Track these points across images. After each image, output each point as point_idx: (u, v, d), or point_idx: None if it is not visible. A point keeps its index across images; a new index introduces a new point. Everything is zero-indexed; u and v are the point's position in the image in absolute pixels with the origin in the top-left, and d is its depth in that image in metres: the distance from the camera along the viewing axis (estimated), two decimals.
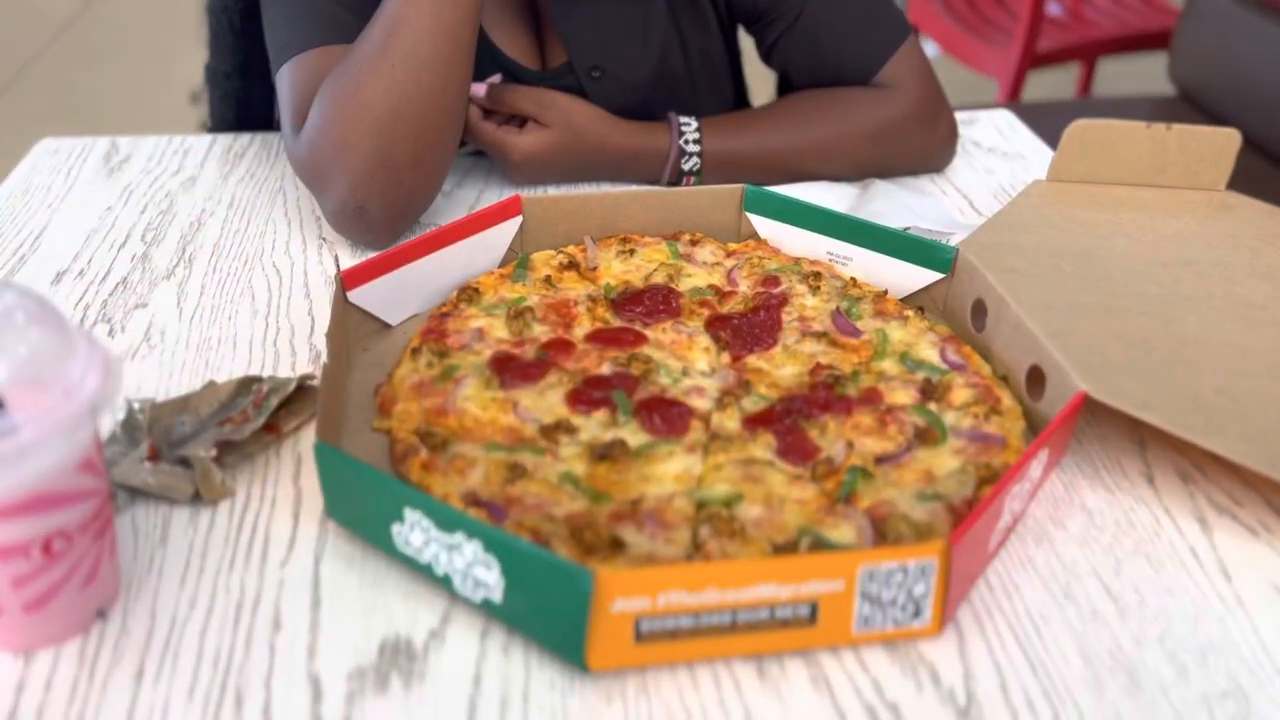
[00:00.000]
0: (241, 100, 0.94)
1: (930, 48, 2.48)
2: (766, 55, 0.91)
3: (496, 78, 0.85)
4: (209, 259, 0.77)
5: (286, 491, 0.56)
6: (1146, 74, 2.82)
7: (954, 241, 0.76)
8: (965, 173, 0.91)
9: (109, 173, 0.88)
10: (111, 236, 0.79)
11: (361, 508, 0.51)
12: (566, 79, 0.88)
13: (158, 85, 3.23)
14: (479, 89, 0.84)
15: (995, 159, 0.94)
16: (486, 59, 0.87)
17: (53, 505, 0.44)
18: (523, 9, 0.88)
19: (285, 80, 0.78)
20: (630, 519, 0.52)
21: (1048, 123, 1.77)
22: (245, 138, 0.95)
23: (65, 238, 0.79)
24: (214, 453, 0.56)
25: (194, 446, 0.56)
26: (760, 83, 1.09)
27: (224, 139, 0.94)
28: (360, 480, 0.50)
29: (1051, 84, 2.73)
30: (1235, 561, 0.53)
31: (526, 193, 0.74)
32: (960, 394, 0.61)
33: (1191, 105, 1.75)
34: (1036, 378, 0.61)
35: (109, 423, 0.58)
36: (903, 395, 0.61)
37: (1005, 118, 1.02)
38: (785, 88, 1.00)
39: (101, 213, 0.82)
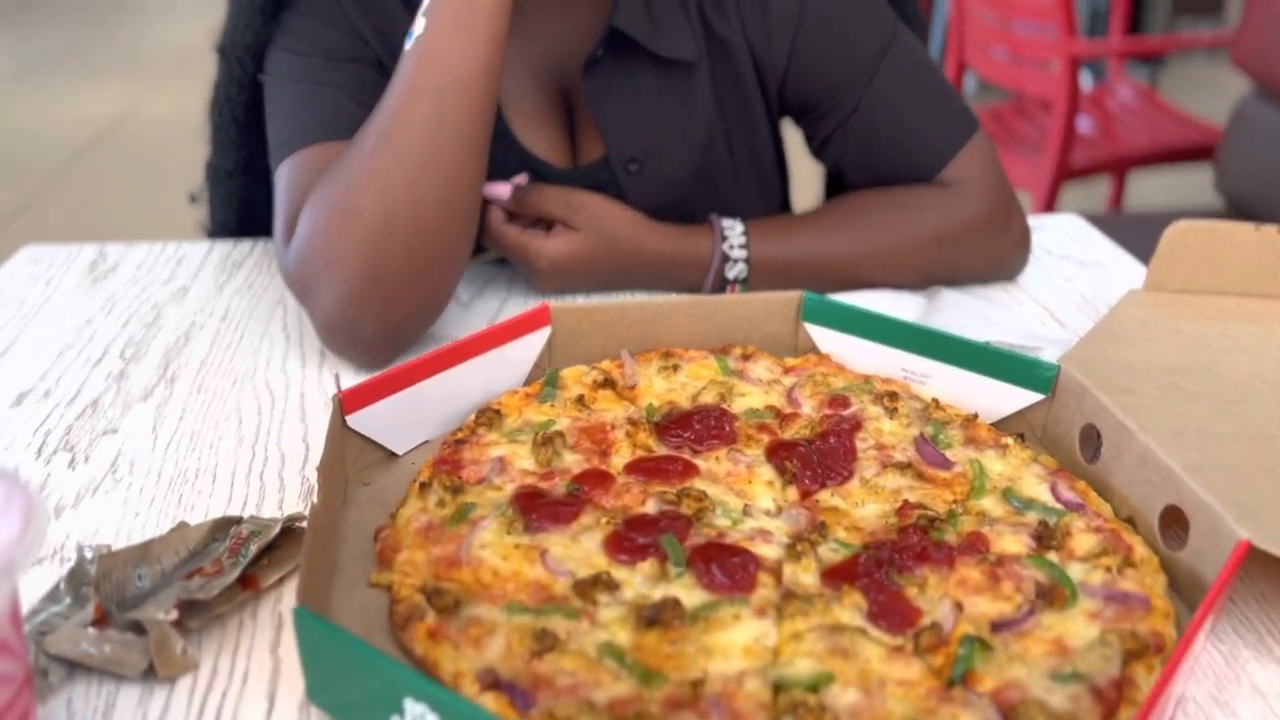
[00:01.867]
0: (244, 201, 0.87)
1: None
2: (819, 149, 0.83)
3: (522, 178, 0.78)
4: (194, 377, 0.67)
5: (262, 664, 0.45)
6: (1176, 186, 2.78)
7: (1043, 357, 0.67)
8: (1040, 281, 0.82)
9: (93, 282, 0.80)
10: (87, 352, 0.70)
11: (352, 693, 0.40)
12: (600, 175, 0.81)
13: (176, 210, 3.22)
14: (502, 190, 0.76)
15: (1071, 266, 0.85)
16: (513, 158, 0.79)
17: None
18: (554, 103, 0.81)
19: (280, 180, 0.71)
20: (691, 707, 0.41)
21: None
22: (246, 244, 0.87)
23: (34, 354, 0.70)
24: (174, 615, 0.45)
25: (150, 607, 0.46)
26: (805, 183, 1.02)
27: (222, 246, 0.86)
28: (350, 658, 0.39)
29: (1081, 196, 2.68)
30: None
31: (555, 302, 0.65)
32: (1083, 541, 0.50)
33: (1243, 218, 1.68)
34: (1174, 520, 0.50)
35: (53, 574, 0.48)
36: (1013, 542, 0.50)
37: (1075, 223, 0.94)
38: (836, 187, 0.92)
39: (79, 326, 0.74)
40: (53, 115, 4.03)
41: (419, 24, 0.66)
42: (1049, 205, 2.02)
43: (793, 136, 0.88)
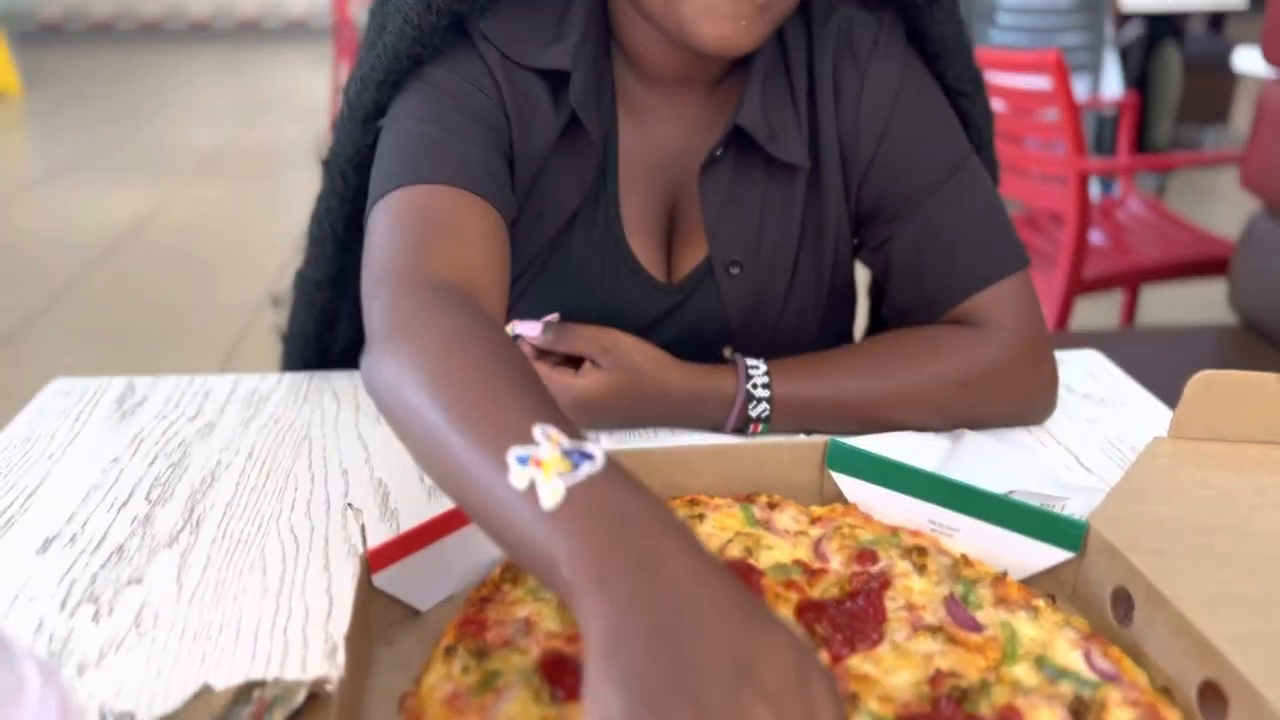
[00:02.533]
0: (326, 312, 0.88)
1: None
2: (871, 253, 0.84)
3: (553, 316, 0.79)
4: (219, 522, 0.67)
5: None
6: (1190, 299, 2.79)
7: (1070, 508, 0.67)
8: (1064, 423, 0.82)
9: (120, 418, 0.81)
10: (113, 494, 0.70)
11: None
12: (699, 283, 0.83)
13: (192, 314, 3.26)
14: (533, 329, 0.77)
15: (1094, 406, 0.85)
16: (625, 270, 0.81)
17: None
18: (661, 215, 0.83)
19: (379, 220, 0.68)
20: None
21: (1110, 354, 1.70)
22: (272, 379, 0.88)
23: (62, 495, 0.70)
24: None
25: None
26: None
27: (249, 380, 0.87)
28: None
29: (1095, 310, 2.69)
30: None
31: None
32: (1119, 715, 0.49)
33: (1256, 334, 1.68)
34: (1213, 695, 0.49)
35: None
36: (1048, 716, 0.49)
37: (1097, 360, 0.94)
38: (875, 321, 0.93)
39: (106, 465, 0.74)
40: (79, 217, 4.11)
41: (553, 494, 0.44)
42: (1062, 319, 2.03)
43: (861, 272, 0.90)
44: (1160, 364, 1.65)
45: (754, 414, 0.78)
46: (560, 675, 0.51)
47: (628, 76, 0.80)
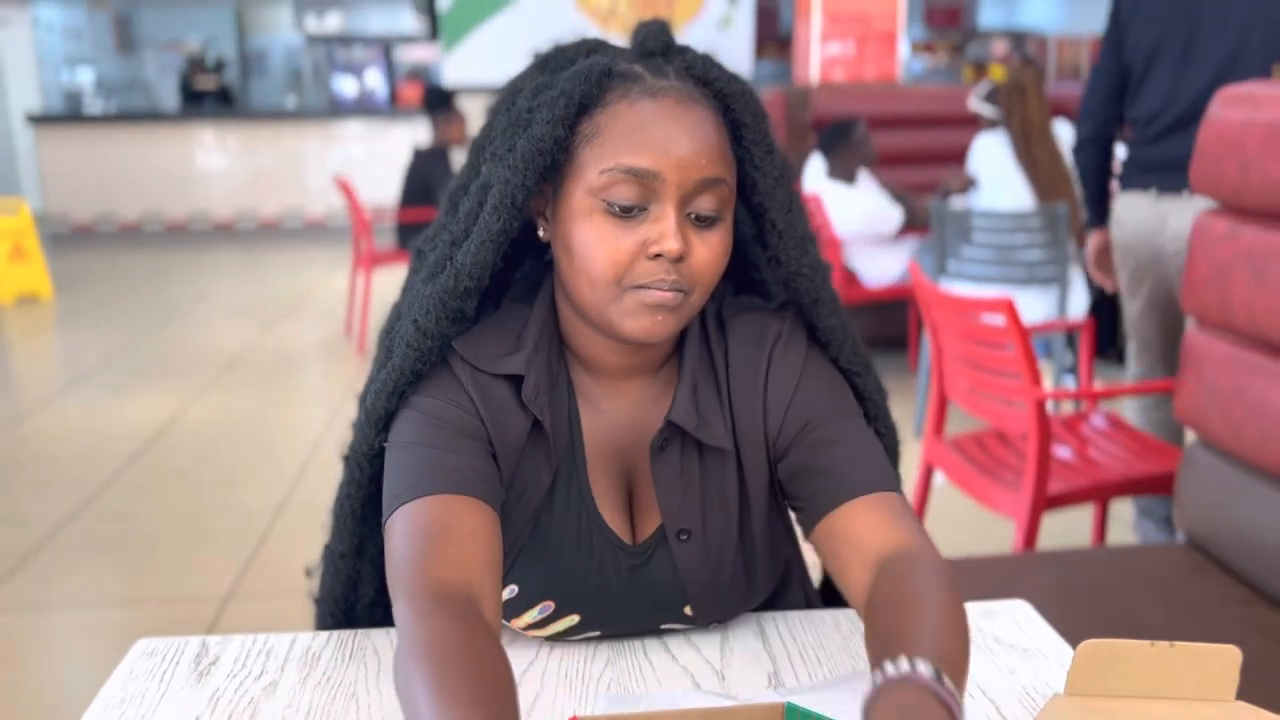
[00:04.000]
0: (350, 577, 1.05)
1: (940, 478, 2.64)
2: (784, 488, 0.99)
3: None
4: None
5: None
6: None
7: None
8: (990, 672, 0.97)
9: (198, 678, 0.96)
10: None
11: None
12: (656, 546, 0.99)
13: (215, 518, 3.42)
14: None
15: (1016, 657, 1.00)
16: (596, 531, 0.98)
17: None
18: (620, 486, 1.00)
19: (395, 531, 0.86)
20: None
21: (1061, 574, 1.85)
22: (322, 637, 1.04)
23: None
24: None
25: None
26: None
27: (303, 639, 1.03)
28: None
29: (1066, 523, 2.85)
30: None
31: (583, 713, 0.81)
32: None
33: (1201, 554, 1.84)
34: None
35: None
36: None
37: (1024, 611, 1.10)
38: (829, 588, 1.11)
39: None
40: (106, 422, 4.32)
41: None
42: (1030, 537, 2.18)
43: None
44: (1118, 585, 1.80)
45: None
46: None
47: (581, 373, 1.00)
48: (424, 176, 5.34)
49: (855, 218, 4.40)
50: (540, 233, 0.96)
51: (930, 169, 4.91)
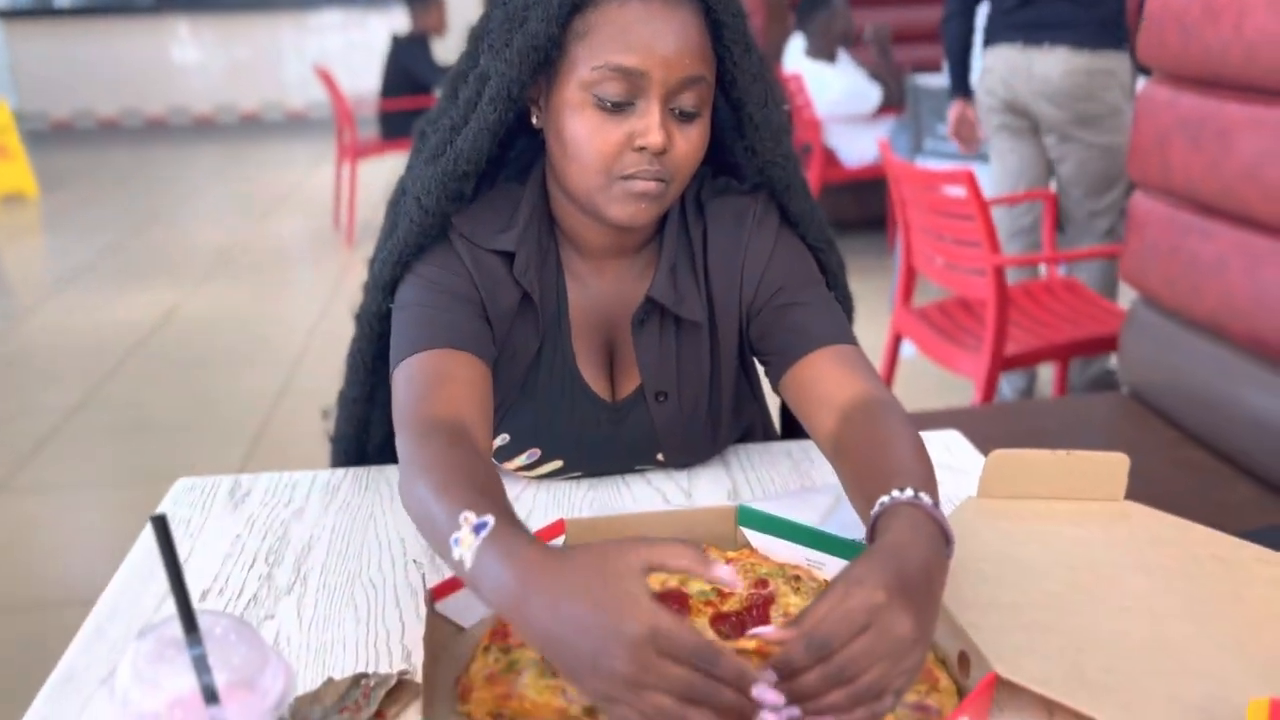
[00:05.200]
0: (361, 420, 1.19)
1: (910, 349, 2.79)
2: (754, 346, 1.12)
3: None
4: (319, 576, 0.97)
5: None
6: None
7: None
8: None
9: (234, 506, 1.11)
10: (242, 559, 1.01)
11: None
12: (634, 405, 1.12)
13: (216, 406, 3.56)
14: (774, 697, 0.69)
15: (943, 472, 1.14)
16: (579, 390, 1.11)
17: None
18: (602, 349, 1.13)
19: (399, 381, 0.98)
20: None
21: (1013, 423, 2.01)
22: (340, 473, 1.18)
23: (206, 562, 1.00)
24: None
25: None
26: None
27: (323, 475, 1.18)
28: None
29: (1028, 379, 3.01)
30: None
31: (569, 516, 0.96)
32: None
33: (1141, 403, 1.99)
34: (964, 660, 0.79)
35: None
36: None
37: (954, 438, 1.24)
38: (788, 420, 1.25)
39: (232, 540, 1.04)
40: (102, 317, 4.43)
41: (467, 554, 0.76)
42: (988, 394, 2.34)
43: None
44: (1062, 431, 1.96)
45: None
46: None
47: (569, 250, 1.11)
48: (404, 65, 5.34)
49: (835, 96, 4.46)
50: (534, 120, 1.05)
51: (910, 47, 4.93)
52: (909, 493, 0.81)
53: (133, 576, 0.99)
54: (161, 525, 0.63)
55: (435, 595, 0.85)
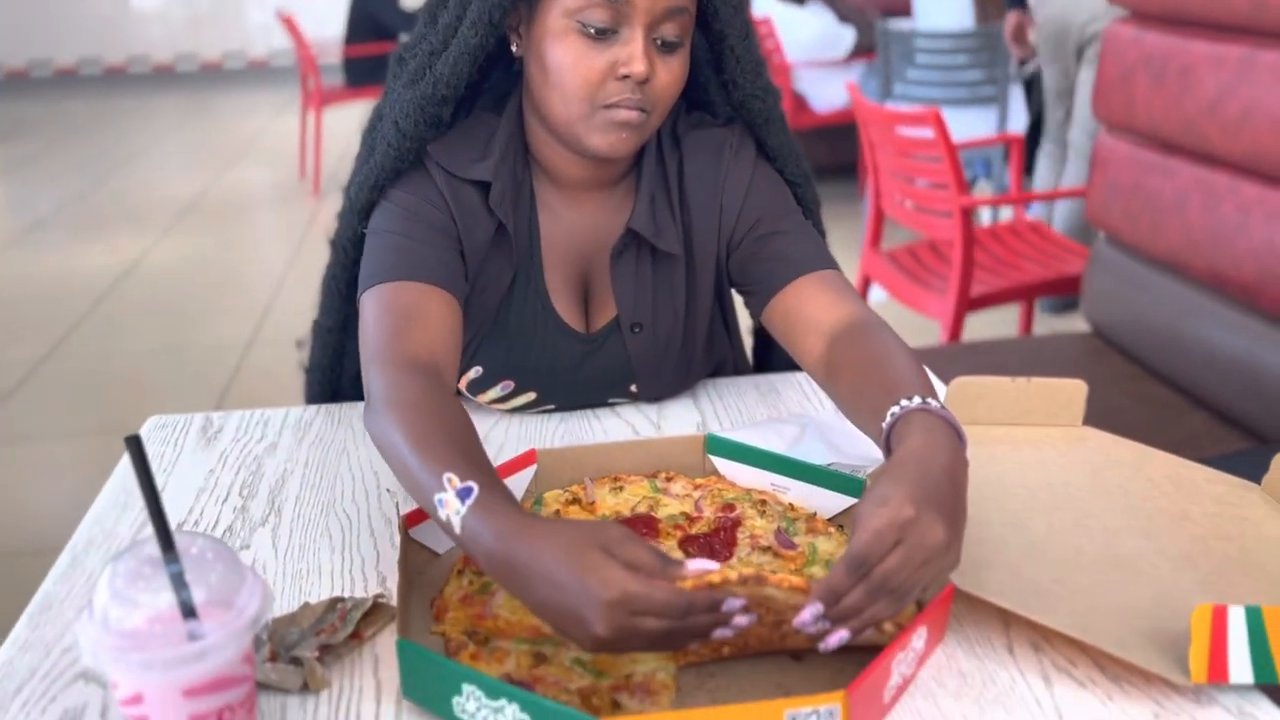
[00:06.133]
0: (335, 350, 1.19)
1: (879, 293, 2.81)
2: (734, 278, 1.13)
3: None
4: (293, 508, 0.99)
5: (370, 682, 0.75)
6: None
7: (866, 474, 0.99)
8: None
9: (207, 442, 1.12)
10: (216, 493, 1.01)
11: (430, 687, 0.71)
12: (609, 336, 1.13)
13: (185, 355, 3.54)
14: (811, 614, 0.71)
15: None
16: (550, 322, 1.11)
17: (226, 686, 0.64)
18: (577, 282, 1.13)
19: (367, 308, 0.98)
20: (625, 689, 0.72)
21: (978, 360, 2.04)
22: (312, 410, 1.19)
23: (180, 495, 1.01)
24: (317, 653, 0.76)
25: (301, 649, 0.76)
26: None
27: (295, 412, 1.18)
28: (430, 666, 0.70)
29: (996, 321, 3.05)
30: (1068, 706, 0.72)
31: (540, 447, 0.97)
32: None
33: (1103, 340, 2.03)
34: None
35: None
36: None
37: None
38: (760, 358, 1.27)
39: (205, 474, 1.05)
40: (67, 268, 4.37)
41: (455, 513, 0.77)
42: (955, 332, 2.37)
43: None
44: (1025, 368, 1.99)
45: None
46: None
47: (543, 182, 1.11)
48: (369, 10, 5.25)
49: (807, 40, 4.43)
50: (514, 48, 1.04)
51: None
52: (917, 400, 0.82)
53: (109, 508, 1.00)
54: (136, 446, 0.63)
55: (409, 522, 0.87)
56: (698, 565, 0.70)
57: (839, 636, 0.70)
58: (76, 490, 2.65)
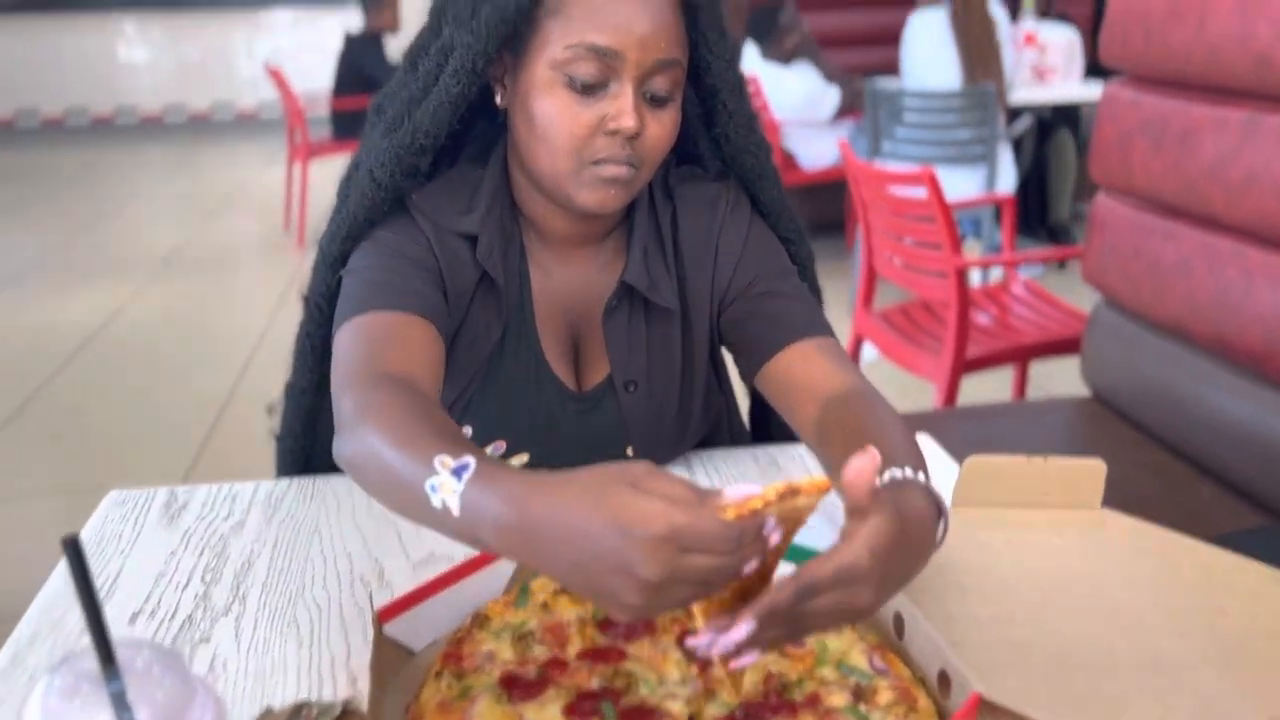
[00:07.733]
0: (309, 411, 1.12)
1: (871, 352, 2.77)
2: (727, 331, 1.08)
3: (500, 445, 1.03)
4: (259, 596, 0.91)
5: None
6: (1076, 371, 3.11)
7: None
8: None
9: (169, 520, 1.04)
10: (176, 578, 0.94)
11: None
12: (603, 395, 1.07)
13: (161, 412, 3.45)
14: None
15: None
16: (546, 380, 1.06)
17: None
18: (569, 339, 1.08)
19: (342, 340, 0.92)
20: None
21: (976, 426, 1.99)
22: (284, 484, 1.12)
23: (137, 580, 0.94)
24: None
25: None
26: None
27: (265, 486, 1.11)
28: None
29: (989, 384, 3.00)
30: None
31: None
32: (885, 695, 0.75)
33: (1104, 405, 1.98)
34: (944, 680, 0.75)
35: None
36: (838, 698, 0.75)
37: (924, 440, 1.21)
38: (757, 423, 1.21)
39: (166, 557, 0.98)
40: (45, 321, 4.29)
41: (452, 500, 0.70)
42: (950, 395, 2.32)
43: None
44: (1026, 435, 1.94)
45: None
46: (513, 687, 0.75)
47: (532, 237, 1.06)
48: (357, 63, 5.24)
49: (791, 101, 4.44)
50: (498, 99, 1.00)
51: (867, 50, 4.93)
52: (908, 471, 0.78)
53: (58, 597, 0.92)
54: (74, 548, 0.56)
55: (383, 617, 0.80)
56: (739, 491, 0.64)
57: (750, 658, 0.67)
58: (45, 555, 2.54)
